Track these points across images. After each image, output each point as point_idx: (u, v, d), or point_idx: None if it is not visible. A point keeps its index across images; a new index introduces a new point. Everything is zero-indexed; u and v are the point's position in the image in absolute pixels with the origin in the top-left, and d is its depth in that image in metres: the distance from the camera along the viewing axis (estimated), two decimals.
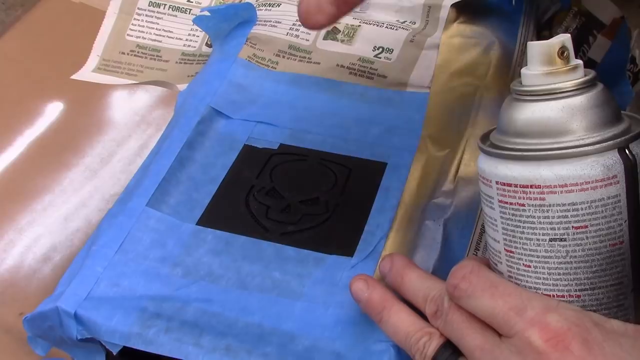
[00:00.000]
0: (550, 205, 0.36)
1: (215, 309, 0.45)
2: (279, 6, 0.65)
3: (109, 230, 0.49)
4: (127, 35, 0.70)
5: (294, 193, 0.52)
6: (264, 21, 0.64)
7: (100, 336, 0.44)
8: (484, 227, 0.48)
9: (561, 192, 0.35)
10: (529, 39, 0.61)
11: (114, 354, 0.44)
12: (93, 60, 0.69)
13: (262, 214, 0.51)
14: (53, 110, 0.67)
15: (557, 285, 0.37)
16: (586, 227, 0.36)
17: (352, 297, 0.44)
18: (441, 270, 0.46)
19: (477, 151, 0.51)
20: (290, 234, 0.49)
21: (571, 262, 0.36)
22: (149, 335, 0.44)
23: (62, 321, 0.44)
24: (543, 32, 0.64)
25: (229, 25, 0.63)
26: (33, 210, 0.59)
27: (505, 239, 0.38)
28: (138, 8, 0.71)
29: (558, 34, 0.63)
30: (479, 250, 0.48)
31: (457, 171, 0.51)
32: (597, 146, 0.35)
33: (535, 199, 0.36)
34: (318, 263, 0.47)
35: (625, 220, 0.36)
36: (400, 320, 0.41)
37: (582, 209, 0.35)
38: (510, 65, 0.58)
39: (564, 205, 0.35)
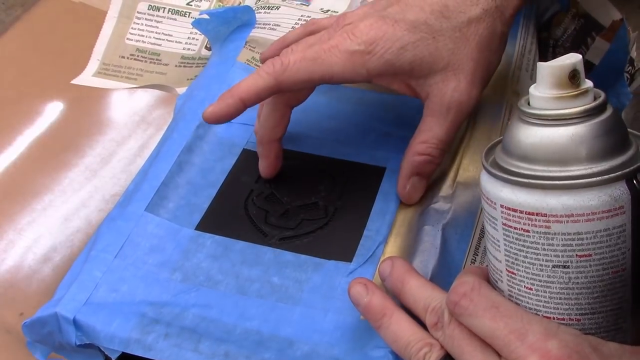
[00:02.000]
0: (555, 234, 0.35)
1: (214, 315, 0.45)
2: (277, 9, 0.65)
3: (107, 235, 0.49)
4: (127, 39, 0.70)
5: (292, 198, 0.52)
6: (263, 24, 0.63)
7: (99, 342, 0.44)
8: (482, 232, 0.48)
9: (567, 221, 0.35)
10: (529, 41, 0.61)
11: (113, 359, 0.45)
12: (93, 64, 0.69)
13: (261, 218, 0.51)
14: (53, 111, 0.67)
15: (557, 309, 0.37)
16: (590, 255, 0.35)
17: (351, 301, 0.44)
18: (440, 275, 0.46)
19: (475, 155, 0.52)
20: (289, 239, 0.50)
21: (573, 287, 0.36)
22: (148, 341, 0.44)
23: (61, 327, 0.45)
24: (542, 33, 0.64)
25: (228, 28, 0.63)
26: (33, 210, 0.59)
27: (507, 260, 0.38)
28: (137, 12, 0.71)
29: (557, 35, 0.64)
30: (477, 254, 0.48)
31: (455, 176, 0.51)
32: (605, 177, 0.35)
33: (541, 226, 0.36)
34: (317, 268, 0.47)
35: (629, 249, 0.36)
36: (401, 329, 0.41)
37: (587, 238, 0.35)
38: (509, 68, 0.58)
39: (569, 234, 0.35)
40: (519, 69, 0.59)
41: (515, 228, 0.37)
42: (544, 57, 0.64)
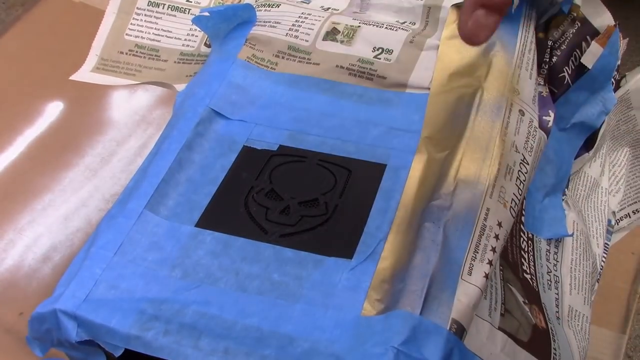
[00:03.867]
0: None
1: (214, 312, 0.45)
2: (278, 7, 0.65)
3: (107, 232, 0.49)
4: (126, 34, 0.70)
5: (293, 194, 0.52)
6: (263, 22, 0.64)
7: (99, 338, 0.44)
8: (483, 229, 0.48)
9: None
10: (529, 40, 0.61)
11: (115, 356, 0.44)
12: (91, 59, 0.70)
13: (261, 215, 0.51)
14: (53, 110, 0.67)
15: None
16: None
17: None
18: (441, 272, 0.46)
19: (476, 153, 0.51)
20: (289, 235, 0.49)
21: None
22: (148, 338, 0.44)
23: (61, 323, 0.45)
24: (538, 33, 0.64)
25: (228, 25, 0.63)
26: (33, 210, 0.59)
27: None
28: (137, 8, 0.71)
29: (554, 36, 0.64)
30: (478, 252, 0.48)
31: (456, 173, 0.51)
32: None
33: None
34: (317, 265, 0.47)
35: None
36: None
37: None
38: (510, 66, 0.58)
39: None
40: (519, 68, 0.59)
41: None
42: (540, 59, 0.64)
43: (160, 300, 0.45)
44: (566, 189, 0.62)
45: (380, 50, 0.60)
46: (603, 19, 0.64)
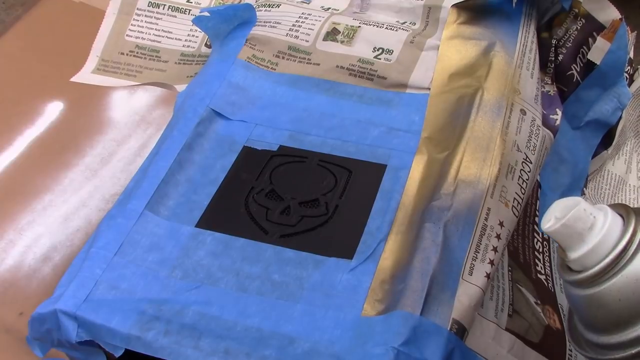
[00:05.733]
0: None
1: (214, 312, 0.45)
2: (278, 7, 0.65)
3: (107, 233, 0.49)
4: (127, 35, 0.70)
5: (293, 195, 0.52)
6: (264, 22, 0.64)
7: (100, 338, 0.44)
8: (484, 229, 0.48)
9: None
10: (529, 40, 0.61)
11: (116, 356, 0.44)
12: (92, 60, 0.70)
13: (261, 215, 0.51)
14: (53, 110, 0.67)
15: None
16: None
17: None
18: (441, 272, 0.45)
19: (477, 153, 0.51)
20: (289, 236, 0.49)
21: None
22: (148, 338, 0.44)
23: (61, 324, 0.44)
24: (542, 33, 0.64)
25: (229, 26, 0.63)
26: (33, 210, 0.59)
27: None
28: (137, 8, 0.71)
29: (558, 35, 0.64)
30: (478, 252, 0.48)
31: (457, 173, 0.51)
32: None
33: None
34: (317, 265, 0.47)
35: None
36: None
37: None
38: (510, 66, 0.58)
39: None
40: (520, 68, 0.59)
41: None
42: (546, 58, 0.64)
43: (161, 300, 0.45)
44: (585, 188, 0.62)
45: (380, 50, 0.60)
46: (608, 13, 0.63)
